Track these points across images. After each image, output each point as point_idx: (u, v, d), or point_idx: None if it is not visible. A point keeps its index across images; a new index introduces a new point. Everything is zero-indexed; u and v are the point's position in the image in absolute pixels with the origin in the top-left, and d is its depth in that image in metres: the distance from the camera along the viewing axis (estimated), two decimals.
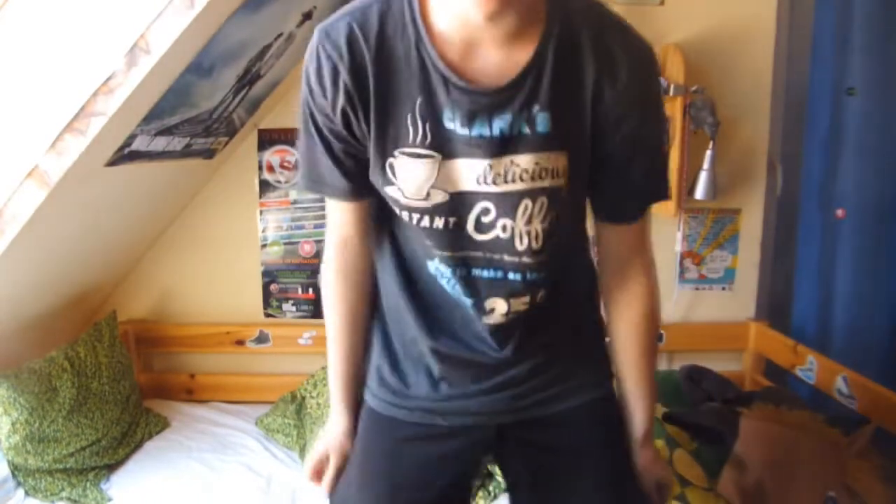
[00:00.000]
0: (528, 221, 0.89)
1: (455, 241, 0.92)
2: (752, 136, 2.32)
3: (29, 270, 1.86)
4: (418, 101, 0.85)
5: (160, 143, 1.85)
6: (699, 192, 2.18)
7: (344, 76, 0.85)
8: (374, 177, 0.91)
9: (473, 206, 0.89)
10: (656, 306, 1.04)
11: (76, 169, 1.54)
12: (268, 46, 1.91)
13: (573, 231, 1.02)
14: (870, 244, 2.06)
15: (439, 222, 0.90)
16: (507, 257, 0.92)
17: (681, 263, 2.38)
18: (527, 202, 0.88)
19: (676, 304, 2.39)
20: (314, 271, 2.48)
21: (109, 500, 1.88)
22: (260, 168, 2.43)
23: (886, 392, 1.71)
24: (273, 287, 2.50)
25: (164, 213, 2.40)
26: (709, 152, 2.15)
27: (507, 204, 0.88)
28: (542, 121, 0.85)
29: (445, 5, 0.83)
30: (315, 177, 0.96)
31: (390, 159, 0.88)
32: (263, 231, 2.47)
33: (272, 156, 2.42)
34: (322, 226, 2.44)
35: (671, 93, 2.09)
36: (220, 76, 1.81)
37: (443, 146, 0.87)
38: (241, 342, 2.47)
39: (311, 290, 2.49)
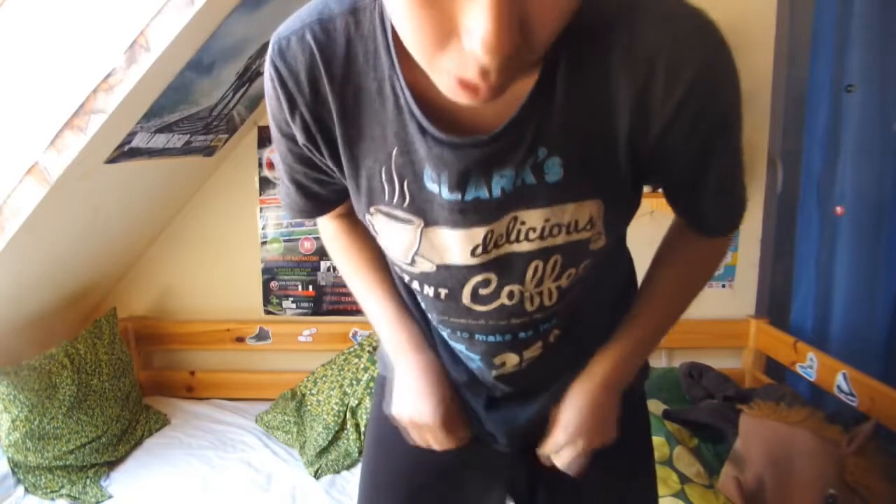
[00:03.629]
0: (539, 283, 0.72)
1: (451, 310, 0.76)
2: (751, 134, 2.31)
3: (29, 267, 1.86)
4: (394, 154, 0.66)
5: (160, 141, 1.85)
6: None
7: (303, 110, 0.68)
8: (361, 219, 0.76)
9: (468, 279, 0.72)
10: (710, 269, 0.85)
11: (76, 166, 1.54)
12: (268, 43, 1.90)
13: (601, 270, 0.78)
14: (869, 241, 2.06)
15: (429, 290, 0.75)
16: (514, 320, 0.76)
17: None
18: (537, 263, 0.70)
19: None
20: (314, 268, 2.48)
21: (109, 497, 1.88)
22: (260, 165, 2.43)
23: (886, 389, 1.71)
24: (273, 284, 2.50)
25: (164, 210, 2.40)
26: None
27: (512, 270, 0.71)
28: (552, 168, 0.65)
29: None
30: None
31: (368, 215, 0.72)
32: (263, 228, 2.47)
33: (272, 153, 2.42)
34: None
35: None
36: (221, 73, 1.81)
37: (425, 211, 0.68)
38: (241, 339, 2.47)
39: (311, 288, 2.49)
